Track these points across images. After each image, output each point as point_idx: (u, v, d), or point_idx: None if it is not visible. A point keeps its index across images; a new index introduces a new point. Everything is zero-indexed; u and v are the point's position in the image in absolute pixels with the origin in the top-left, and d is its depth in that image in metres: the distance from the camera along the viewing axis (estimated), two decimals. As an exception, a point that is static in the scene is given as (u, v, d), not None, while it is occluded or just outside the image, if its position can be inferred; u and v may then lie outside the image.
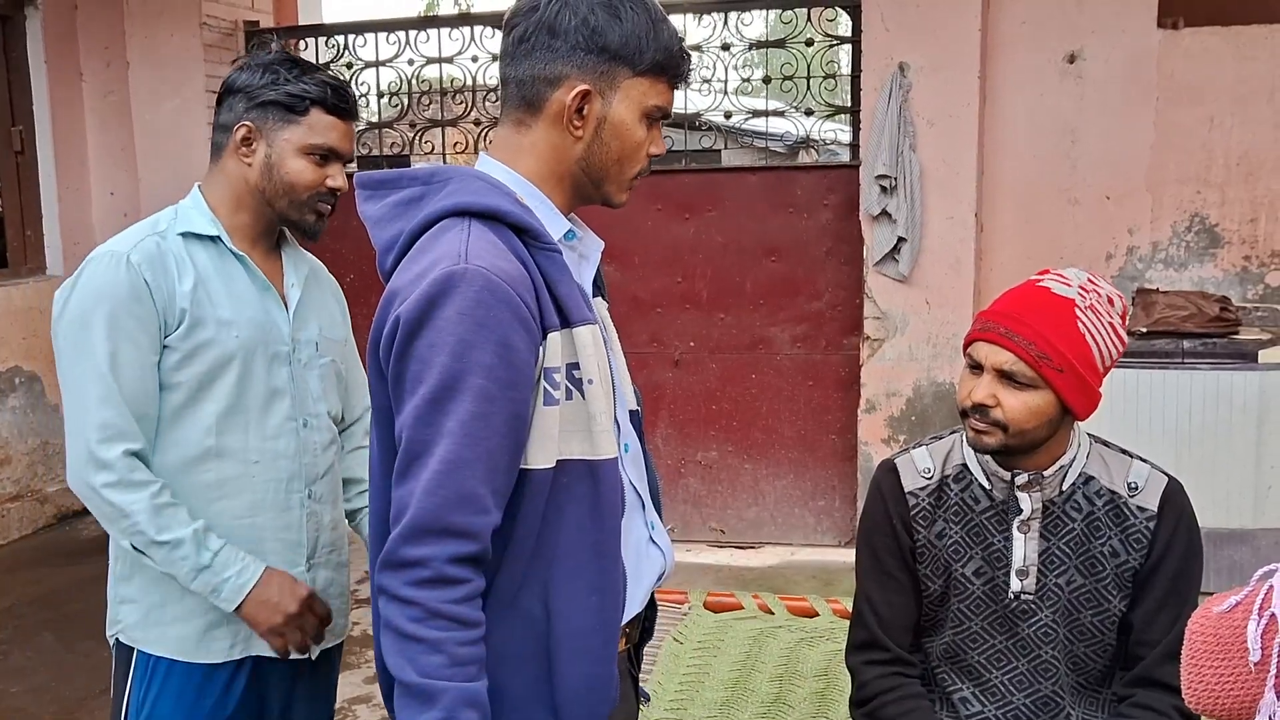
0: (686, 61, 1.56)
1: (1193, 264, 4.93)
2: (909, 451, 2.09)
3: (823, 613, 3.26)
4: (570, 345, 1.47)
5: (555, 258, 1.48)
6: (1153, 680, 1.95)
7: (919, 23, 4.89)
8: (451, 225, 1.44)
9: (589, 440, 1.47)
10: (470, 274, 1.37)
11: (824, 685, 2.88)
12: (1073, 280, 1.90)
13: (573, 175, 1.54)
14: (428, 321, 1.38)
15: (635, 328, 5.54)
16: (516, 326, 1.39)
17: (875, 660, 2.06)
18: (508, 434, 1.40)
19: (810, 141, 5.68)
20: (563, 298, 1.47)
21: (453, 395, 1.37)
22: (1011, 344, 1.85)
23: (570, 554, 1.47)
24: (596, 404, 1.48)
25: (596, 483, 1.48)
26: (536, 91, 1.50)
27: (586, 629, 1.48)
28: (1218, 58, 4.80)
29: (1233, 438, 4.17)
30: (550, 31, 1.48)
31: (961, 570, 2.01)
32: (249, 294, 2.00)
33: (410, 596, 1.36)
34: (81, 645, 4.36)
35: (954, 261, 4.98)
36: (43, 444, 6.07)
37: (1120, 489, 1.96)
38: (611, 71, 1.49)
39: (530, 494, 1.44)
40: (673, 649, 3.04)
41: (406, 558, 1.36)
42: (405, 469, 1.39)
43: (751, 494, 5.56)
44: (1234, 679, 1.03)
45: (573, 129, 1.50)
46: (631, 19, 1.48)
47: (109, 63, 6.15)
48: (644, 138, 1.54)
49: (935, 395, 5.09)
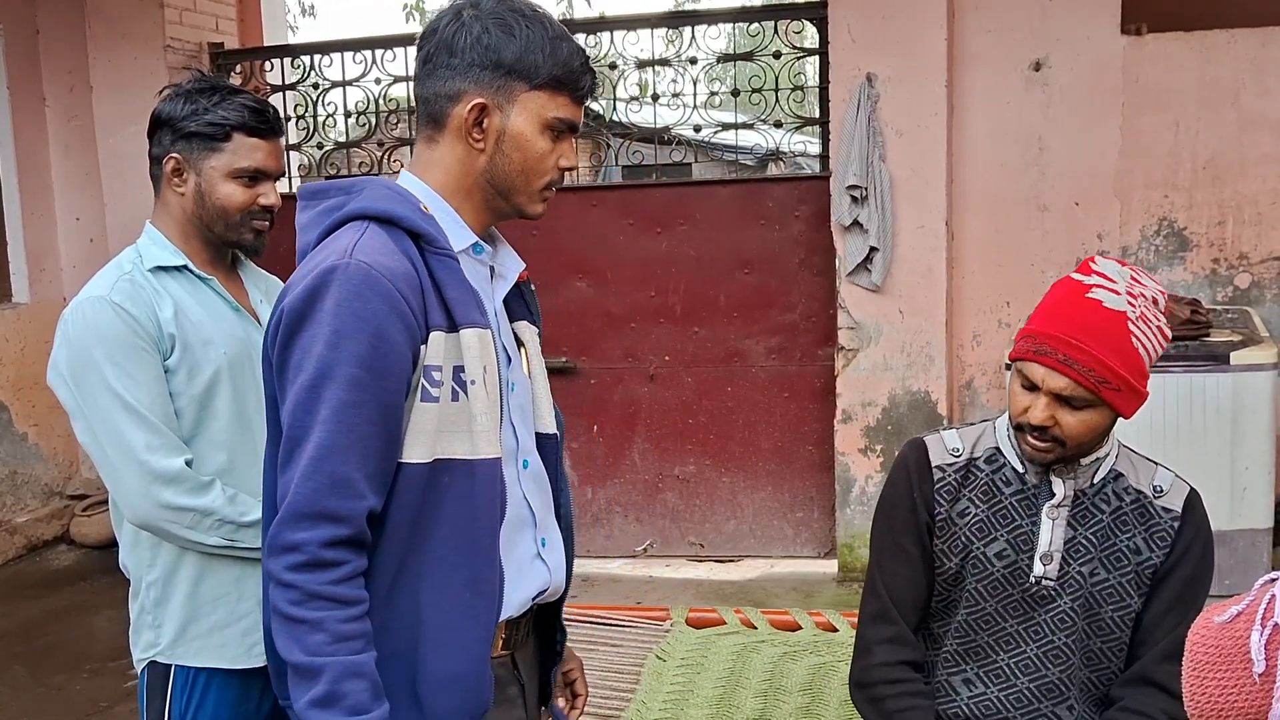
0: (589, 76, 1.61)
1: (1162, 268, 4.96)
2: (939, 432, 2.12)
3: (806, 626, 3.25)
4: (456, 348, 1.51)
5: (449, 263, 1.53)
6: (1148, 680, 1.97)
7: (885, 34, 4.91)
8: (352, 227, 1.52)
9: (469, 440, 1.51)
10: (351, 268, 1.44)
11: (809, 700, 2.86)
12: (1120, 285, 1.86)
13: (480, 188, 1.60)
14: (310, 313, 1.45)
15: (610, 343, 5.53)
16: (394, 319, 1.45)
17: (886, 638, 2.06)
18: (380, 422, 1.45)
19: (779, 154, 5.69)
20: (451, 301, 1.51)
21: (327, 383, 1.42)
22: (1071, 371, 1.83)
23: (445, 550, 1.51)
24: (478, 404, 1.52)
25: (475, 482, 1.52)
26: (439, 108, 1.57)
27: (456, 625, 1.52)
28: (1182, 63, 4.84)
29: (1207, 440, 4.19)
30: (449, 50, 1.55)
31: (983, 550, 2.02)
32: (224, 313, 2.09)
33: (290, 580, 1.41)
34: (54, 678, 4.29)
35: (926, 270, 5.00)
36: (11, 474, 5.98)
37: (1146, 490, 2.01)
38: (508, 86, 1.55)
39: (405, 487, 1.49)
40: (655, 666, 3.02)
41: (285, 542, 1.42)
42: (287, 456, 1.45)
43: (730, 507, 5.55)
44: (1237, 690, 1.02)
45: (473, 142, 1.57)
46: (526, 35, 1.55)
47: (72, 87, 6.09)
48: (547, 149, 1.59)
49: (910, 404, 5.09)
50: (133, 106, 5.82)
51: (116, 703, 4.12)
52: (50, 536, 6.13)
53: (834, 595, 4.99)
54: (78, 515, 6.08)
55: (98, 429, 1.95)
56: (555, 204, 4.57)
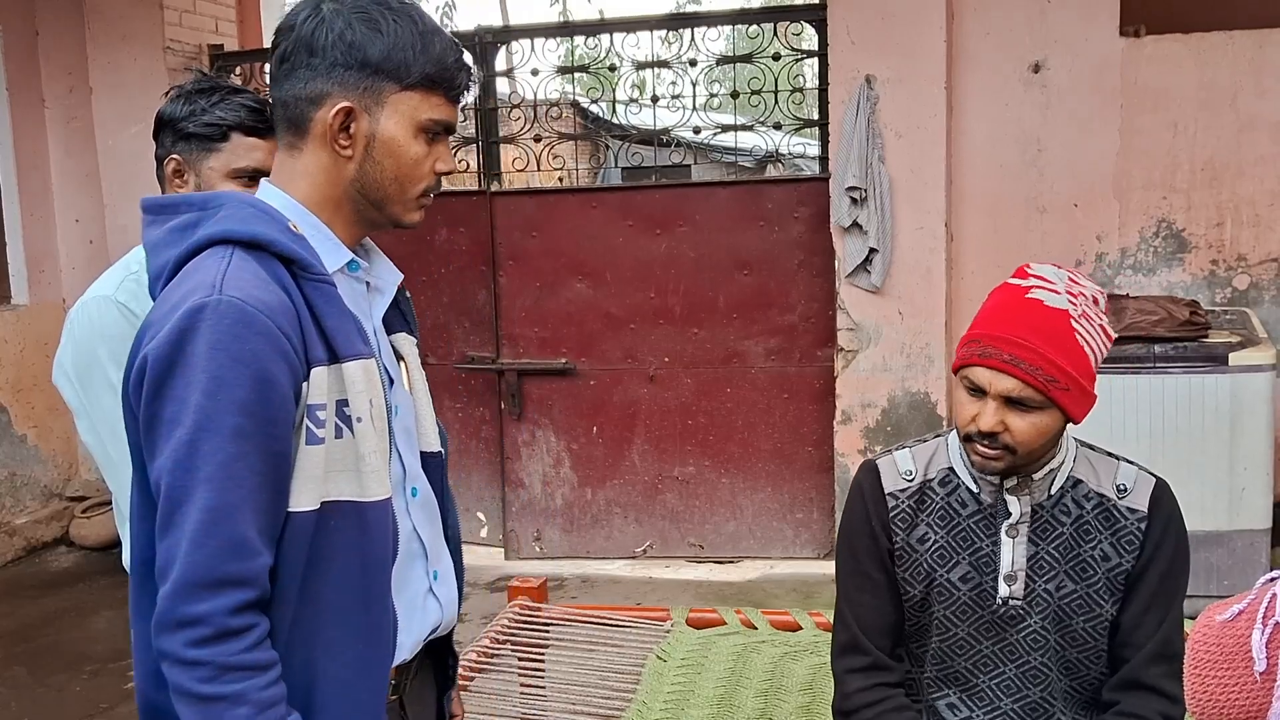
0: (464, 73, 1.50)
1: (1161, 269, 4.97)
2: (891, 453, 2.07)
3: (806, 626, 3.25)
4: (339, 381, 1.39)
5: (326, 289, 1.40)
6: (1139, 683, 1.93)
7: (884, 35, 4.92)
8: (214, 254, 1.37)
9: (357, 481, 1.40)
10: (223, 305, 1.30)
11: (810, 699, 2.86)
12: (1059, 285, 1.84)
13: (350, 199, 1.47)
14: (179, 358, 1.30)
15: (609, 344, 5.53)
16: (276, 359, 1.32)
17: (857, 668, 2.03)
18: (269, 472, 1.33)
19: (778, 156, 5.70)
20: (331, 331, 1.39)
21: (208, 436, 1.29)
22: (1018, 370, 1.79)
23: (336, 602, 1.40)
24: (366, 443, 1.41)
25: (365, 526, 1.41)
26: (300, 112, 1.45)
27: (350, 680, 1.42)
28: (1180, 65, 4.85)
29: (1206, 441, 4.20)
30: (309, 49, 1.43)
31: (946, 576, 1.99)
32: None
33: (196, 657, 1.28)
34: (54, 679, 4.29)
35: (925, 271, 5.01)
36: (10, 475, 5.99)
37: (1109, 492, 1.95)
38: (376, 87, 1.43)
39: (293, 538, 1.36)
40: (656, 667, 3.02)
41: (184, 616, 1.28)
42: (168, 519, 1.31)
43: (729, 508, 5.55)
44: (1239, 689, 1.02)
45: (340, 148, 1.44)
46: (394, 31, 1.42)
47: (71, 88, 6.09)
48: (422, 154, 1.47)
49: (910, 405, 5.10)
50: (132, 108, 5.84)
51: (117, 704, 4.12)
52: (50, 538, 6.13)
53: (833, 596, 4.96)
54: (77, 517, 6.08)
55: (100, 428, 1.95)
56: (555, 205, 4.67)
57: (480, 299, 5.65)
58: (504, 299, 5.60)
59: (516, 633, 3.02)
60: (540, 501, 5.74)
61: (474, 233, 5.61)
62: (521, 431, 5.70)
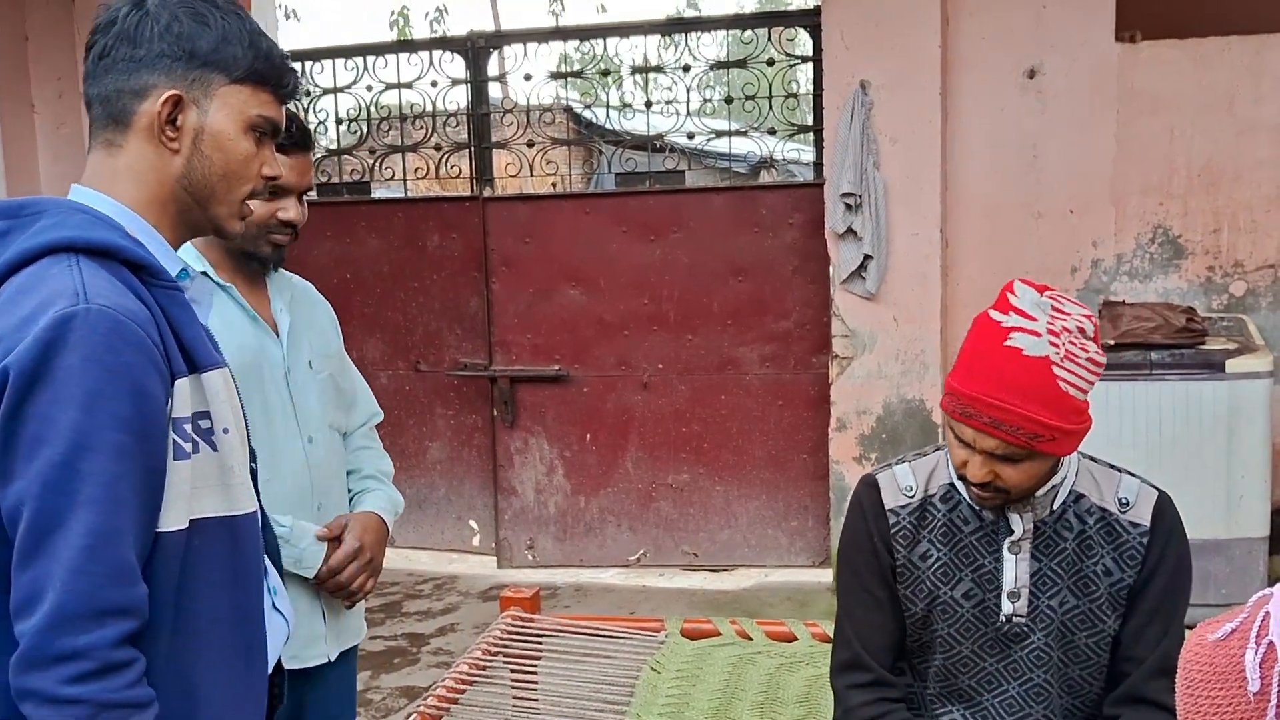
0: (291, 74, 1.47)
1: (1157, 275, 4.95)
2: (892, 467, 2.04)
3: (802, 637, 3.21)
4: (200, 392, 1.33)
5: (177, 296, 1.35)
6: (1140, 698, 1.91)
7: (879, 41, 4.90)
8: (55, 263, 1.28)
9: (225, 495, 1.35)
10: (94, 314, 1.22)
11: (805, 712, 2.83)
12: (1040, 322, 1.75)
13: (177, 199, 1.41)
14: (44, 372, 1.21)
15: (603, 351, 5.50)
16: (150, 371, 1.26)
17: (859, 684, 2.01)
18: (146, 492, 1.25)
19: (773, 162, 5.68)
20: (188, 341, 1.33)
21: (89, 455, 1.20)
22: (1000, 433, 1.75)
23: (212, 623, 1.35)
24: (233, 455, 1.36)
25: (236, 541, 1.37)
26: (123, 106, 1.39)
27: (236, 698, 1.38)
28: (1176, 70, 4.84)
29: (1203, 448, 4.18)
30: (131, 42, 1.38)
31: (949, 593, 1.96)
32: (239, 322, 2.07)
33: (73, 695, 1.18)
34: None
35: (920, 277, 4.98)
36: None
37: (1111, 505, 1.93)
38: (205, 78, 1.39)
39: (164, 559, 1.29)
40: (650, 678, 2.98)
41: (62, 651, 1.18)
42: (35, 546, 1.20)
43: (724, 516, 5.52)
44: (1232, 709, 0.99)
45: (167, 141, 1.38)
46: (222, 25, 1.40)
47: (61, 94, 6.06)
48: (250, 152, 1.43)
49: (905, 412, 5.07)
50: (122, 113, 5.79)
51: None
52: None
53: (829, 605, 4.95)
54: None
55: None
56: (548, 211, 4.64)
57: (473, 305, 5.62)
58: (497, 305, 5.57)
59: (509, 644, 2.98)
60: (533, 510, 5.70)
61: (466, 239, 5.58)
62: (514, 439, 5.66)
